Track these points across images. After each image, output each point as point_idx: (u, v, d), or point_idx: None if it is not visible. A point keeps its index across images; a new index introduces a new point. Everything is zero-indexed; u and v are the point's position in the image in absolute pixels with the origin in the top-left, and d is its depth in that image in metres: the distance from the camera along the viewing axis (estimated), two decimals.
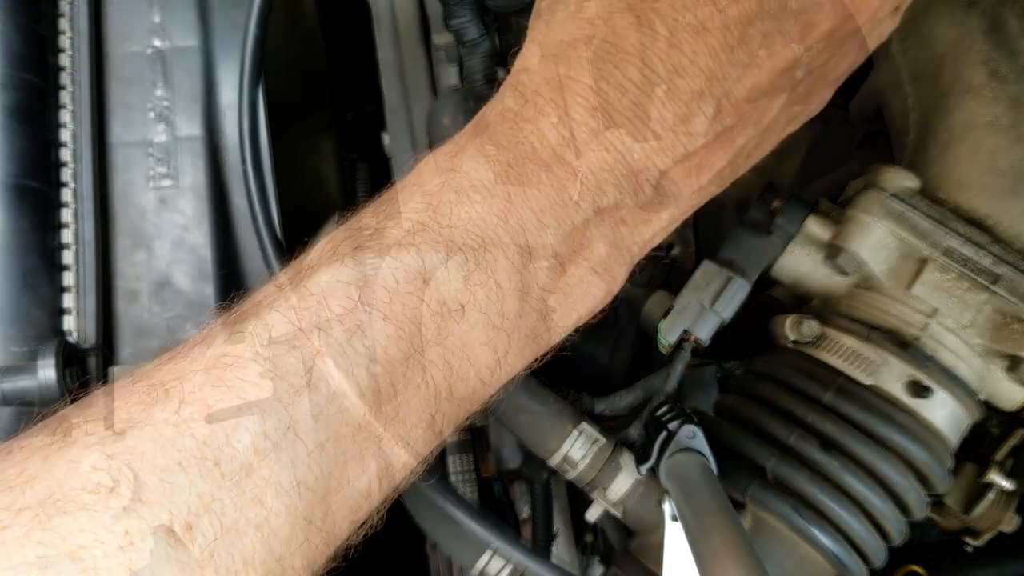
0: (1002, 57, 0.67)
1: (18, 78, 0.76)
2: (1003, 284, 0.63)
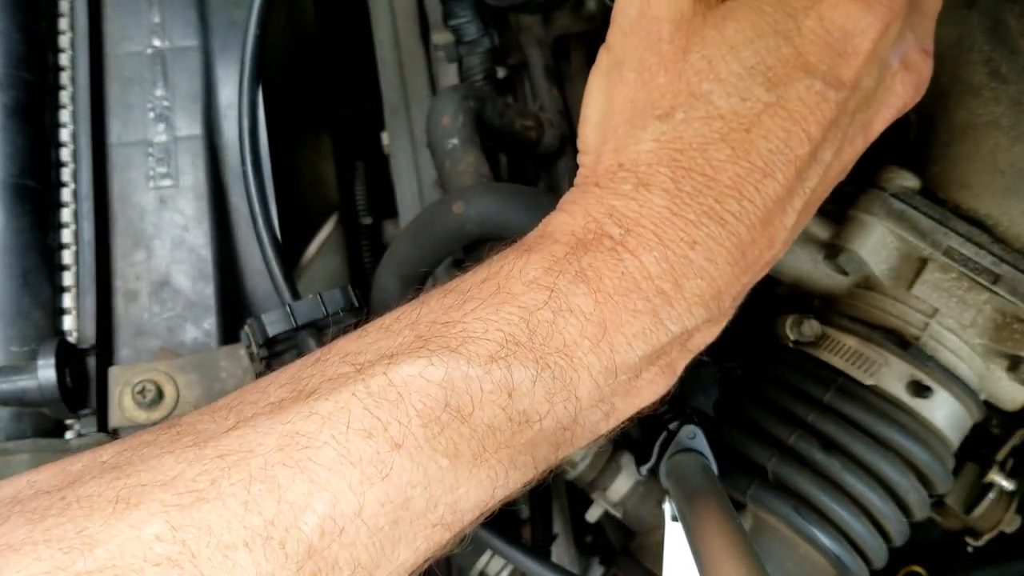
0: (1002, 57, 0.67)
1: (18, 77, 0.76)
2: (1003, 284, 0.63)
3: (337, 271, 1.01)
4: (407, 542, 0.39)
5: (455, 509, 0.40)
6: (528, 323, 0.42)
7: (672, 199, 0.43)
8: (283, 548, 0.35)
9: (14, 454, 0.66)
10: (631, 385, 0.44)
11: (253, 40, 0.71)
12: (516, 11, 0.91)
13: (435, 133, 0.78)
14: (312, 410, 0.38)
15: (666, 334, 0.43)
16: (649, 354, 0.43)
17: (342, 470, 0.37)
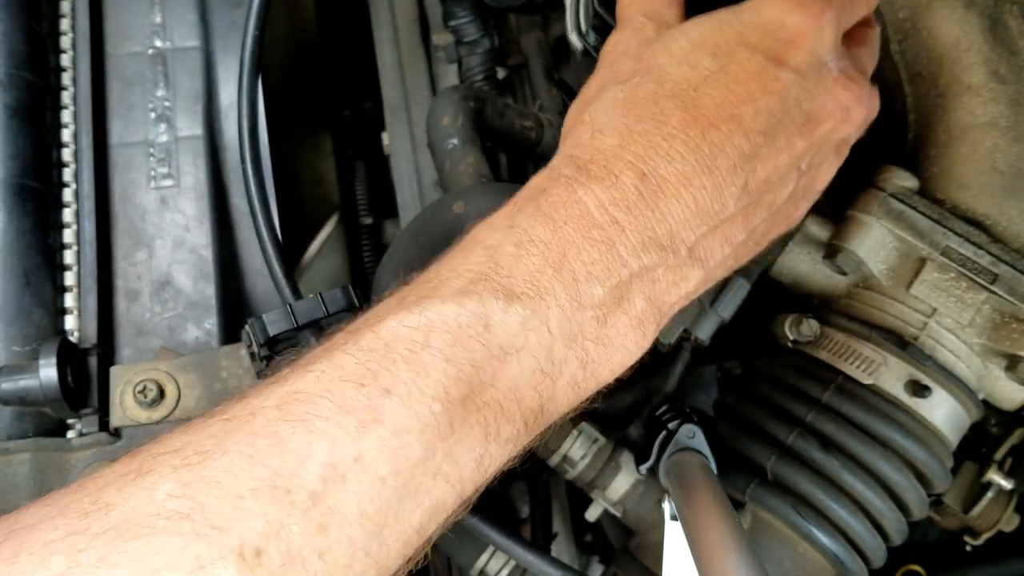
0: (1001, 57, 0.67)
1: (19, 78, 0.76)
2: (1002, 283, 0.63)
3: (338, 271, 1.01)
4: (411, 497, 0.40)
5: (453, 458, 0.41)
6: (493, 258, 0.45)
7: (623, 138, 0.47)
8: (288, 495, 0.36)
9: (15, 453, 0.67)
10: (601, 331, 0.46)
11: (252, 40, 0.71)
12: (516, 11, 0.91)
13: (435, 133, 0.78)
14: (308, 370, 0.40)
15: (623, 266, 0.45)
16: (612, 288, 0.45)
17: (338, 419, 0.38)
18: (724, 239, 0.49)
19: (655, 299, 0.48)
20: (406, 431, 0.39)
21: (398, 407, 0.40)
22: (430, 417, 0.40)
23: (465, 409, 0.41)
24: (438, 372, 0.41)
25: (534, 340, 0.44)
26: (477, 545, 0.71)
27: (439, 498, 0.41)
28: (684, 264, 0.48)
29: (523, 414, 0.44)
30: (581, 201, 0.46)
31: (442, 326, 0.42)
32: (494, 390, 0.43)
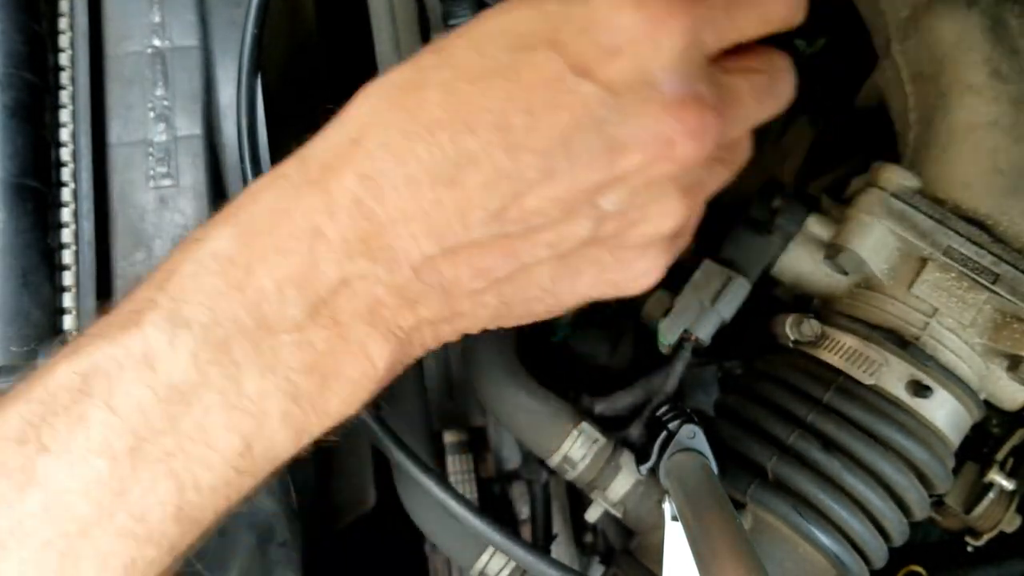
0: (1002, 56, 0.67)
1: (18, 77, 0.76)
2: (1003, 283, 0.63)
3: None
4: (91, 559, 0.37)
5: (138, 515, 0.38)
6: (168, 280, 0.39)
7: (363, 132, 0.40)
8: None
9: None
10: (310, 359, 0.40)
11: (251, 39, 0.71)
12: None
13: None
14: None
15: (322, 280, 0.39)
16: (311, 310, 0.39)
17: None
18: (472, 268, 0.41)
19: (380, 323, 0.41)
20: (67, 491, 0.37)
21: (56, 466, 0.37)
22: (93, 474, 0.37)
23: (138, 461, 0.38)
24: (99, 424, 0.37)
25: (215, 374, 0.38)
26: (477, 545, 0.71)
27: (135, 556, 0.38)
28: (411, 284, 0.41)
29: (224, 457, 0.39)
30: (283, 207, 0.40)
31: (104, 369, 0.38)
32: (174, 437, 0.38)
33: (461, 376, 0.91)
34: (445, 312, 0.43)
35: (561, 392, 0.73)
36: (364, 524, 0.89)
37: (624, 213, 0.42)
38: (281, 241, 0.39)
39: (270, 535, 0.70)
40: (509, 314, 0.46)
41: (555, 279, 0.44)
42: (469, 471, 0.92)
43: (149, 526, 0.38)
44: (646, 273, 0.46)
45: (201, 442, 0.39)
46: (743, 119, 0.45)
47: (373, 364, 0.42)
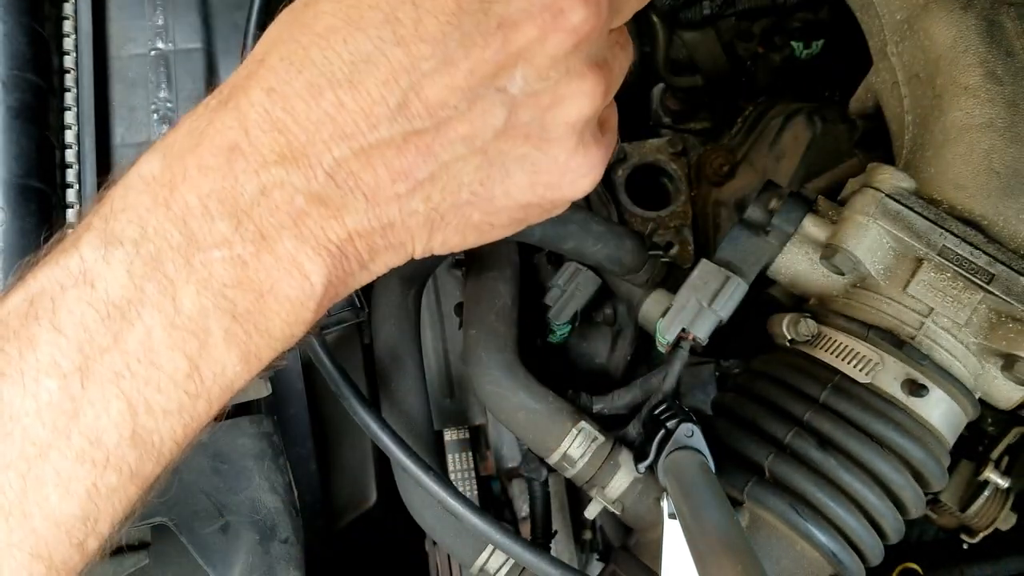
0: (998, 58, 0.68)
1: (22, 79, 0.76)
2: (998, 283, 0.63)
3: None
4: (51, 486, 0.38)
5: (92, 438, 0.38)
6: (106, 201, 0.40)
7: (268, 50, 0.41)
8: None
9: None
10: (243, 275, 0.40)
11: (253, 41, 0.71)
12: None
13: None
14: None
15: (241, 191, 0.40)
16: (236, 224, 0.40)
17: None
18: (389, 169, 0.41)
19: (308, 236, 0.41)
20: (24, 414, 0.37)
21: (11, 390, 0.37)
22: (45, 395, 0.38)
23: (88, 381, 0.38)
24: (46, 344, 0.38)
25: (151, 291, 0.39)
26: (477, 542, 0.71)
27: (96, 481, 0.39)
28: (329, 189, 0.41)
29: (172, 378, 0.40)
30: (204, 129, 0.40)
31: (48, 291, 0.38)
32: (120, 355, 0.39)
33: (461, 376, 0.92)
34: (373, 222, 0.42)
35: (561, 391, 0.74)
36: (365, 521, 0.90)
37: (535, 95, 0.41)
38: (201, 159, 0.40)
39: (272, 532, 0.71)
40: (444, 224, 0.45)
41: (483, 180, 0.43)
42: (469, 469, 0.92)
43: (106, 449, 0.39)
44: (581, 171, 0.45)
45: (148, 362, 0.39)
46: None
47: (308, 280, 0.41)
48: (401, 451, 0.65)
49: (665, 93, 1.08)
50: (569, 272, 0.81)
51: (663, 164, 1.03)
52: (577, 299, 0.80)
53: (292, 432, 0.82)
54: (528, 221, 0.48)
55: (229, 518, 0.69)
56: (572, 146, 0.44)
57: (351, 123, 0.40)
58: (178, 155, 0.40)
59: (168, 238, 0.39)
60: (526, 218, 0.47)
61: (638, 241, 0.77)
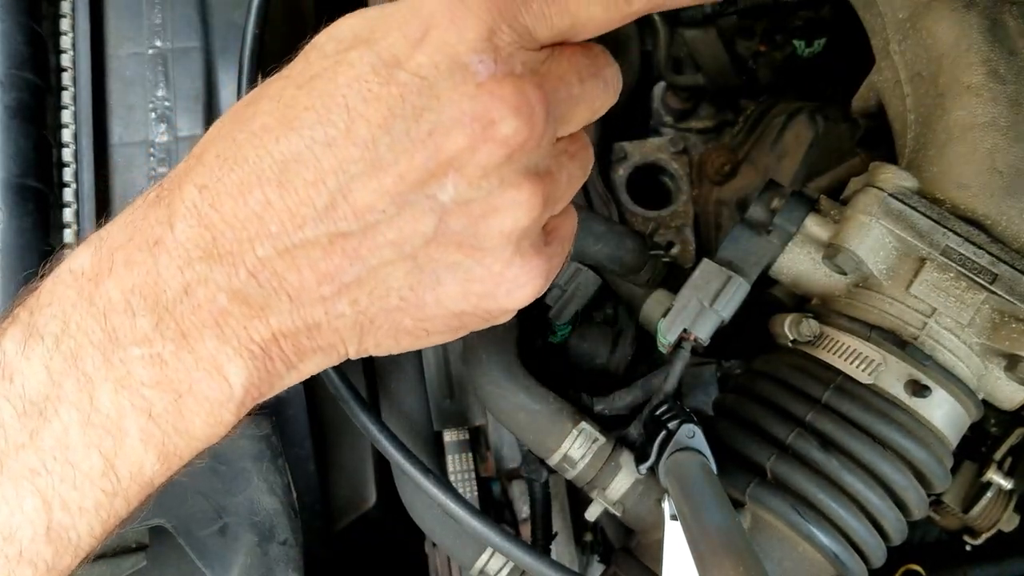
0: (1000, 57, 0.67)
1: (20, 78, 0.76)
2: (1001, 283, 0.63)
3: None
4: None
5: (7, 534, 0.38)
6: (37, 290, 0.40)
7: (207, 145, 0.41)
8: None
9: None
10: (162, 374, 0.40)
11: (252, 40, 0.71)
12: None
13: None
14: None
15: (165, 288, 0.39)
16: (157, 321, 0.39)
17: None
18: (315, 271, 0.40)
19: (231, 337, 0.41)
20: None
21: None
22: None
23: (2, 477, 0.38)
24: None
25: (70, 387, 0.39)
26: (477, 544, 0.71)
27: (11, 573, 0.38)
28: (251, 288, 0.40)
29: (91, 478, 0.39)
30: (135, 222, 0.41)
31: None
32: (36, 452, 0.38)
33: (461, 376, 0.92)
34: (298, 322, 0.42)
35: (561, 392, 0.74)
36: (364, 523, 0.90)
37: (467, 204, 0.41)
38: (128, 253, 0.40)
39: (271, 534, 0.71)
40: (374, 328, 0.44)
41: (413, 286, 0.43)
42: (469, 470, 0.92)
43: (19, 544, 0.38)
44: (518, 281, 0.44)
45: (63, 460, 0.39)
46: (569, 99, 0.43)
47: (228, 382, 0.41)
48: (400, 454, 0.64)
49: (666, 92, 1.08)
50: (570, 272, 0.80)
51: (664, 163, 1.03)
52: (578, 299, 0.80)
53: (291, 433, 0.82)
54: (466, 329, 0.47)
55: (227, 520, 0.69)
56: (508, 256, 0.43)
57: (277, 222, 0.39)
58: (108, 248, 0.40)
59: (89, 334, 0.39)
60: (462, 326, 0.46)
61: (639, 241, 0.77)
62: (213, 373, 0.40)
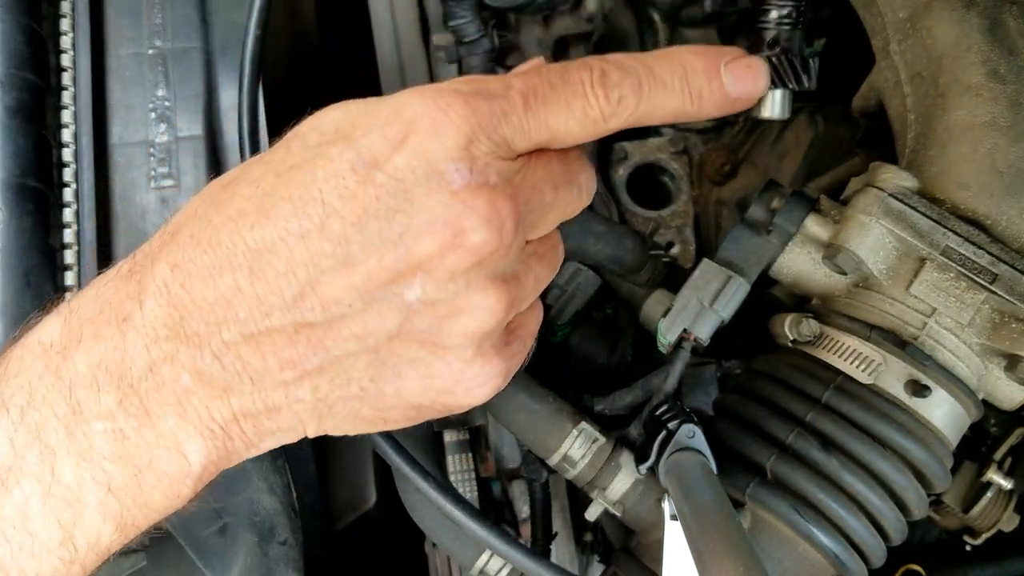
0: (1000, 57, 0.67)
1: (20, 78, 0.76)
2: (1001, 283, 0.63)
3: None
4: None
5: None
6: (3, 360, 0.41)
7: (182, 223, 0.42)
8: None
9: None
10: (124, 449, 0.40)
11: (253, 40, 0.71)
12: (516, 11, 0.91)
13: None
14: None
15: (131, 364, 0.40)
16: (122, 397, 0.40)
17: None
18: (278, 358, 0.41)
19: (191, 415, 0.41)
20: None
21: None
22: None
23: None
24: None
25: (32, 458, 0.39)
26: (477, 545, 0.71)
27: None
28: (215, 370, 0.41)
29: (49, 547, 0.40)
30: (106, 297, 0.41)
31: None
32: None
33: None
34: (259, 404, 0.42)
35: (561, 392, 0.74)
36: (364, 523, 0.90)
37: (432, 305, 0.42)
38: (97, 327, 0.41)
39: (271, 534, 0.71)
40: (333, 413, 0.45)
41: (374, 378, 0.44)
42: (469, 470, 0.92)
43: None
44: (477, 380, 0.45)
45: (23, 528, 0.39)
46: (541, 207, 0.45)
47: (187, 460, 0.42)
48: (399, 457, 0.64)
49: None
50: (570, 272, 0.80)
51: (664, 163, 1.03)
52: (578, 299, 0.80)
53: None
54: (423, 419, 0.48)
55: (227, 519, 0.69)
56: (469, 356, 0.44)
57: (245, 308, 0.40)
58: (78, 321, 0.41)
59: (54, 407, 0.40)
60: (419, 416, 0.47)
61: (639, 241, 0.77)
62: (173, 450, 0.41)
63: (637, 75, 0.44)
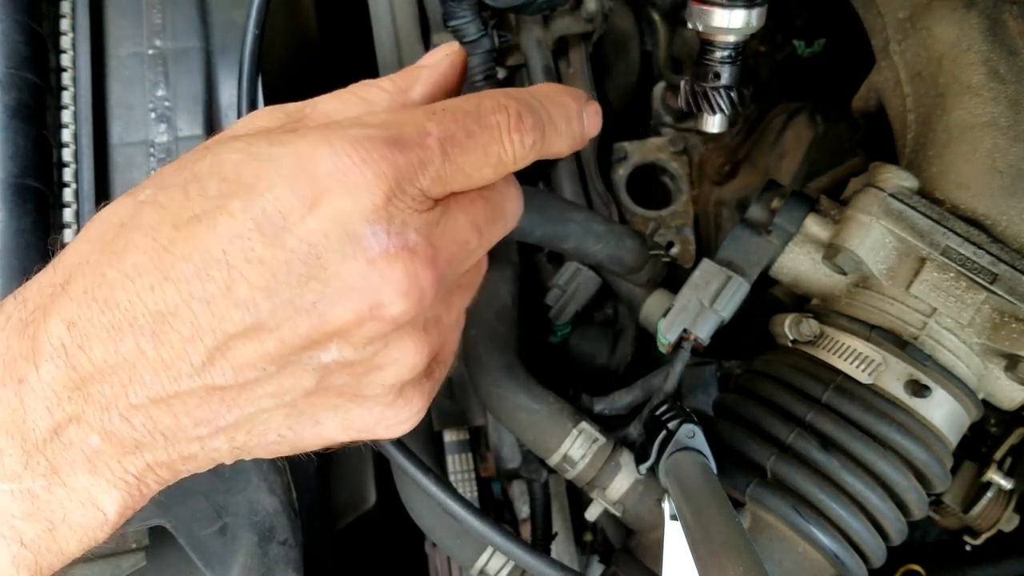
0: (1000, 57, 0.67)
1: (19, 78, 0.76)
2: (1001, 283, 0.63)
3: None
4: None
5: None
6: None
7: (72, 272, 0.40)
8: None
9: None
10: (35, 507, 0.40)
11: (252, 40, 0.71)
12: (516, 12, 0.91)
13: None
14: None
15: (33, 426, 0.39)
16: (26, 458, 0.39)
17: None
18: (190, 417, 0.40)
19: (103, 469, 0.40)
20: None
21: None
22: None
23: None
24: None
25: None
26: (477, 544, 0.71)
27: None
28: (125, 431, 0.39)
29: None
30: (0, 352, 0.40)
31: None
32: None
33: (461, 376, 0.92)
34: (173, 455, 0.42)
35: (561, 392, 0.74)
36: (364, 523, 0.90)
37: (350, 365, 0.41)
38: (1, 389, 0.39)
39: (271, 534, 0.71)
40: (250, 453, 0.44)
41: (292, 426, 0.43)
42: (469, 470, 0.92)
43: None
44: (399, 418, 0.45)
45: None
46: (465, 256, 0.43)
47: (102, 511, 0.41)
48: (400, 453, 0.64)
49: (666, 91, 1.08)
50: (570, 272, 0.80)
51: (664, 163, 1.03)
52: (578, 299, 0.80)
53: None
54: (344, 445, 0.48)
55: (227, 519, 0.69)
56: (390, 400, 0.44)
57: (151, 372, 0.38)
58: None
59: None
60: (338, 445, 0.47)
61: (639, 241, 0.77)
62: (87, 504, 0.40)
63: (541, 119, 0.43)
